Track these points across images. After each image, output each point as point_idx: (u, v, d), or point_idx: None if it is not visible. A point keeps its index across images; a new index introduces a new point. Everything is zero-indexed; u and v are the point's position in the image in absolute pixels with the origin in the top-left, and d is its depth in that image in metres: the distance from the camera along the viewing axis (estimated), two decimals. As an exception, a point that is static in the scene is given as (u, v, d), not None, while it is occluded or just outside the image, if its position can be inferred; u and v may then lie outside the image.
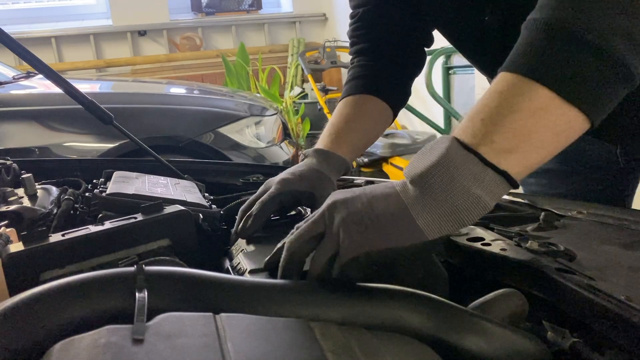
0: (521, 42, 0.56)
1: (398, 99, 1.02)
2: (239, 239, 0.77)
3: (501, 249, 0.65)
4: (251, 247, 0.72)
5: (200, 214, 0.80)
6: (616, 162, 0.99)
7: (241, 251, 0.72)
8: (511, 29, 0.62)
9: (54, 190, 0.93)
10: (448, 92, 4.08)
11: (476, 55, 0.99)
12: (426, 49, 1.05)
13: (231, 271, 0.68)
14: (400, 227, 0.52)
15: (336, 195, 0.58)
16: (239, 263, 0.68)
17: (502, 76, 0.55)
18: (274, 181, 0.81)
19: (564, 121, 0.52)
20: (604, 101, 0.54)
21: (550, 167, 1.10)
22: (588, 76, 0.52)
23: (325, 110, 4.17)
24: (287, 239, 0.58)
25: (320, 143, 0.92)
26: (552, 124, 0.52)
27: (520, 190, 1.17)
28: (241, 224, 0.76)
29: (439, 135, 3.84)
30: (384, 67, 1.00)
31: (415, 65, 1.04)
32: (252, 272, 0.63)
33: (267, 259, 0.62)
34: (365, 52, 1.02)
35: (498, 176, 0.51)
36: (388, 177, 3.51)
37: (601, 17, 0.53)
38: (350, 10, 1.05)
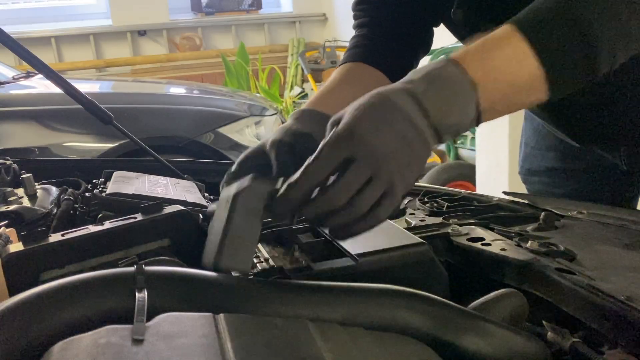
0: (535, 3, 0.60)
1: (397, 73, 0.92)
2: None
3: (501, 249, 0.65)
4: None
5: (200, 214, 0.80)
6: (620, 163, 0.98)
7: None
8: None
9: (54, 190, 0.93)
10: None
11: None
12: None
13: None
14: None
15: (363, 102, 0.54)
16: None
17: (513, 32, 0.58)
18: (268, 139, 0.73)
19: (538, 97, 0.60)
20: (569, 88, 0.61)
21: (553, 166, 1.10)
22: (571, 59, 0.58)
23: (325, 110, 4.16)
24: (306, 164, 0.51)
25: (308, 104, 0.86)
26: (529, 98, 0.61)
27: (522, 189, 1.17)
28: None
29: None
30: (385, 41, 0.96)
31: (420, 43, 1.01)
32: None
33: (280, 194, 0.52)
34: (367, 25, 0.98)
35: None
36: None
37: (604, 20, 0.58)
38: (351, 10, 1.03)
